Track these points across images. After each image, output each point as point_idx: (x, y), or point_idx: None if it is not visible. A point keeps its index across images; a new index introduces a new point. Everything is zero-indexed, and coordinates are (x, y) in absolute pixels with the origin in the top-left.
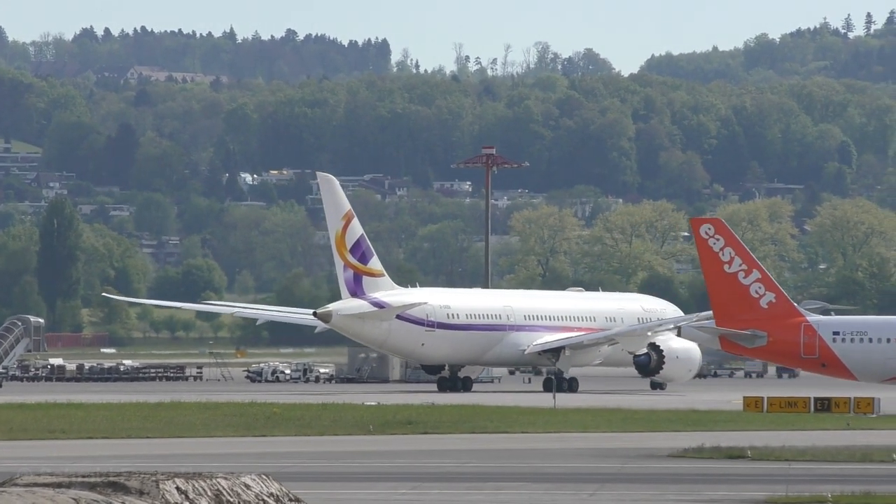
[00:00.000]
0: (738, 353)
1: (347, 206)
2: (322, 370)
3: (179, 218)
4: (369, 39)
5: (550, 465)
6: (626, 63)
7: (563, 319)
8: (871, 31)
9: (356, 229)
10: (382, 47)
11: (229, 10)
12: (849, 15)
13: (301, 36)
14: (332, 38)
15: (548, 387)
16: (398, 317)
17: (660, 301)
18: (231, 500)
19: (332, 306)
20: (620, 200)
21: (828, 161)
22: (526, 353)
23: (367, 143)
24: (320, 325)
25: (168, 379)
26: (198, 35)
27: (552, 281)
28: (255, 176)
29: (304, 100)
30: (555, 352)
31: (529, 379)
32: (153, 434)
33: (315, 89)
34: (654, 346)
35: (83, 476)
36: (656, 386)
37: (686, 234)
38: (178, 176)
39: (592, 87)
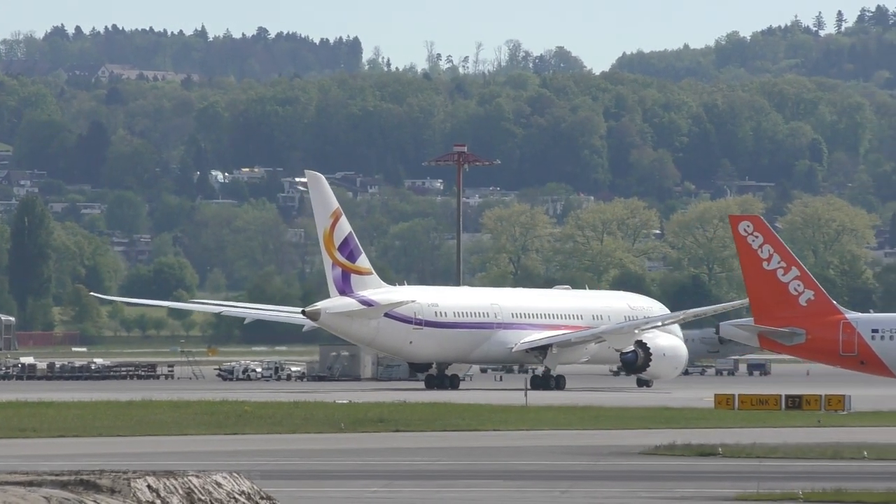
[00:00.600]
0: (776, 351)
1: (335, 203)
2: (293, 368)
3: (151, 216)
4: (341, 38)
5: (522, 463)
6: (598, 61)
7: (550, 317)
8: (842, 28)
9: (344, 227)
10: (354, 45)
11: (201, 9)
12: (820, 13)
13: (272, 34)
14: (303, 36)
15: (536, 384)
16: (386, 315)
17: (646, 299)
18: (203, 498)
19: (320, 304)
20: (592, 198)
21: (799, 159)
22: (513, 350)
23: (338, 141)
24: (308, 324)
25: (139, 377)
26: (169, 33)
27: (524, 279)
28: (226, 174)
29: (276, 98)
30: (542, 349)
31: (501, 377)
32: (124, 432)
33: (286, 87)
34: (640, 344)
35: (54, 474)
36: (643, 383)
37: (657, 231)
38: (150, 174)
39: (564, 85)
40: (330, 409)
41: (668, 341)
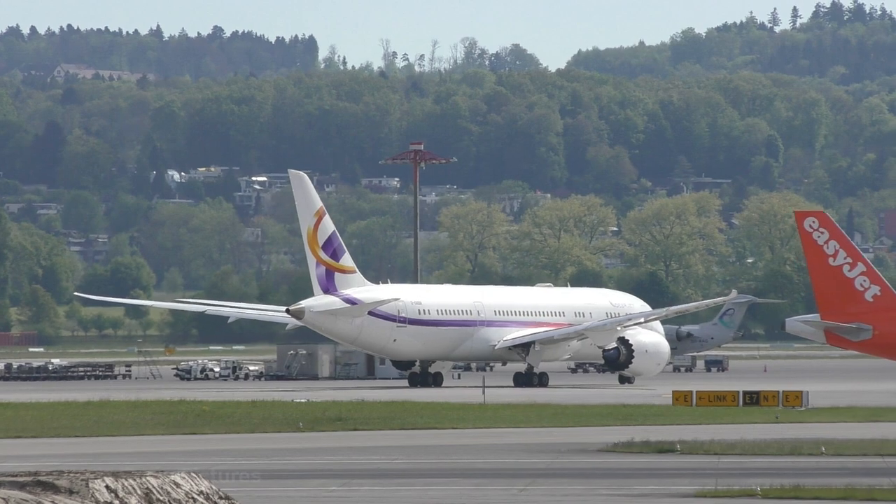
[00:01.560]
0: (843, 347)
1: (319, 203)
2: (251, 367)
3: (107, 216)
4: (296, 36)
5: (481, 461)
6: (554, 58)
7: (532, 315)
8: (797, 24)
9: (328, 226)
10: (310, 44)
11: (156, 8)
12: (775, 9)
13: (228, 33)
14: (259, 35)
15: (519, 381)
16: (370, 313)
17: (627, 296)
18: (161, 498)
19: (304, 303)
20: (549, 195)
21: (755, 155)
22: (496, 348)
23: (294, 140)
24: (291, 322)
25: (97, 377)
26: (124, 33)
27: (481, 277)
28: (182, 173)
29: (232, 97)
30: (525, 347)
31: (459, 375)
32: (82, 433)
33: (242, 86)
34: (623, 341)
35: (12, 475)
36: (625, 380)
37: (615, 228)
38: (106, 174)
39: (520, 83)
40: (288, 409)
41: (651, 338)
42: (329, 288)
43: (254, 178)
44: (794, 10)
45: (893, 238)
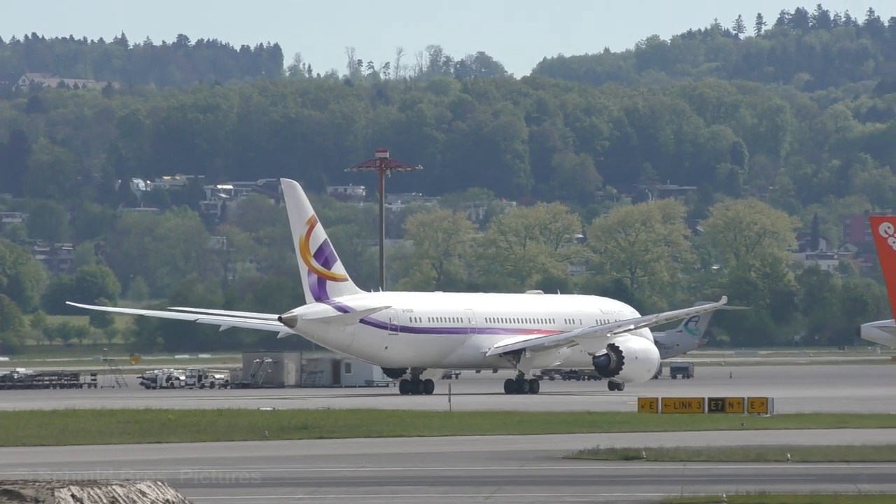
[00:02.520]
0: None
1: (311, 211)
2: (217, 376)
3: (72, 224)
4: (261, 44)
5: (447, 469)
6: (519, 66)
7: (523, 322)
8: (762, 31)
9: (319, 234)
10: (274, 52)
11: (121, 16)
12: (739, 16)
13: (193, 41)
14: (224, 43)
15: (510, 388)
16: (362, 321)
17: (616, 303)
18: None
19: (297, 311)
20: (514, 203)
21: (720, 162)
22: (487, 355)
23: (260, 148)
24: (283, 331)
25: (62, 386)
26: (89, 41)
27: (447, 284)
28: (147, 182)
29: (197, 105)
30: (516, 354)
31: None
32: (48, 442)
33: (207, 94)
34: (613, 347)
35: None
36: (614, 386)
37: (580, 235)
38: (71, 182)
39: (485, 90)
40: (254, 417)
41: (640, 344)
42: (321, 296)
43: (219, 187)
44: (759, 17)
45: (858, 244)
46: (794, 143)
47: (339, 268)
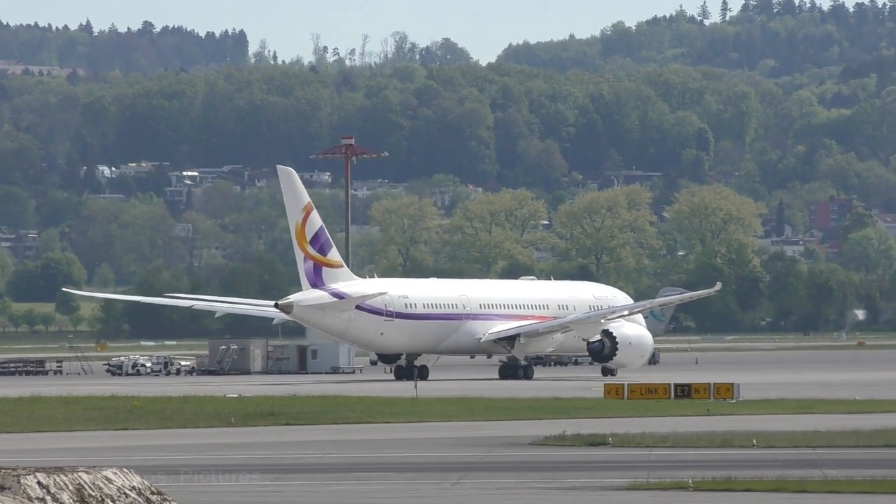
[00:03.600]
0: None
1: (307, 198)
2: (183, 363)
3: (38, 211)
4: (226, 31)
5: (413, 455)
6: (484, 52)
7: (517, 308)
8: (727, 17)
9: (315, 221)
10: (240, 39)
11: (85, 3)
12: (704, 2)
13: (158, 28)
14: (189, 30)
15: (505, 374)
16: (358, 307)
17: (609, 288)
18: (93, 493)
19: (292, 297)
20: (480, 189)
21: (685, 148)
22: (482, 341)
23: (225, 135)
24: (279, 317)
25: (28, 373)
26: (54, 28)
27: (413, 270)
28: (113, 169)
29: (162, 92)
30: (510, 339)
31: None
32: (13, 429)
33: (173, 81)
34: (607, 333)
35: None
36: (607, 372)
37: (546, 221)
38: (36, 169)
39: (450, 77)
40: (220, 404)
41: (634, 330)
42: (317, 282)
43: (184, 173)
44: (724, 2)
45: (823, 230)
46: (759, 129)
47: (334, 254)
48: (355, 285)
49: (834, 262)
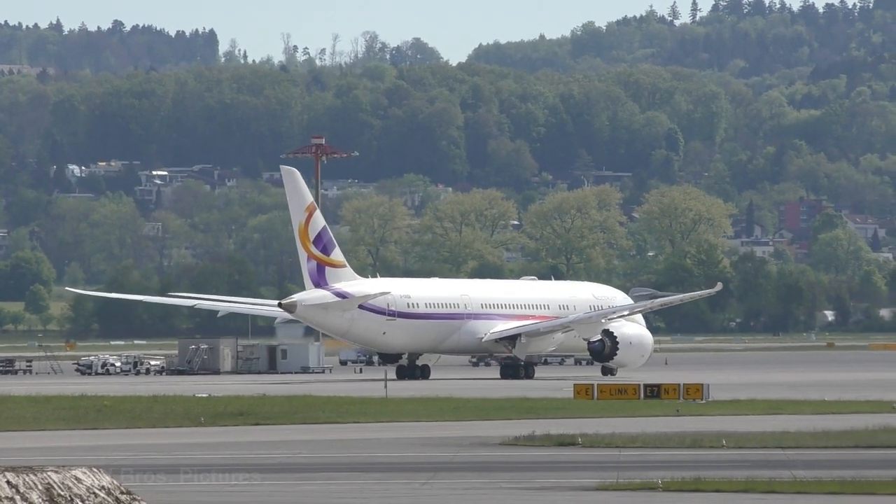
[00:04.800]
0: None
1: (310, 198)
2: (153, 362)
3: (7, 210)
4: (197, 30)
5: (383, 455)
6: (454, 52)
7: (518, 308)
8: (697, 18)
9: (318, 221)
10: (210, 38)
11: (55, 2)
12: (675, 3)
13: (128, 27)
14: (159, 29)
15: (506, 373)
16: (360, 307)
17: (609, 289)
18: (62, 493)
19: (296, 297)
20: (450, 189)
21: (655, 148)
22: (483, 340)
23: (195, 134)
24: (281, 316)
25: None
26: (24, 27)
27: (383, 270)
28: (83, 167)
29: (132, 91)
30: (511, 339)
31: (361, 369)
32: None
33: (142, 80)
34: (607, 333)
35: None
36: (607, 371)
37: (516, 222)
38: (6, 168)
39: (421, 77)
40: (190, 403)
41: (634, 330)
42: (320, 282)
43: (154, 173)
44: (694, 3)
45: (793, 231)
46: (728, 129)
47: (337, 254)
48: (358, 285)
49: (803, 262)
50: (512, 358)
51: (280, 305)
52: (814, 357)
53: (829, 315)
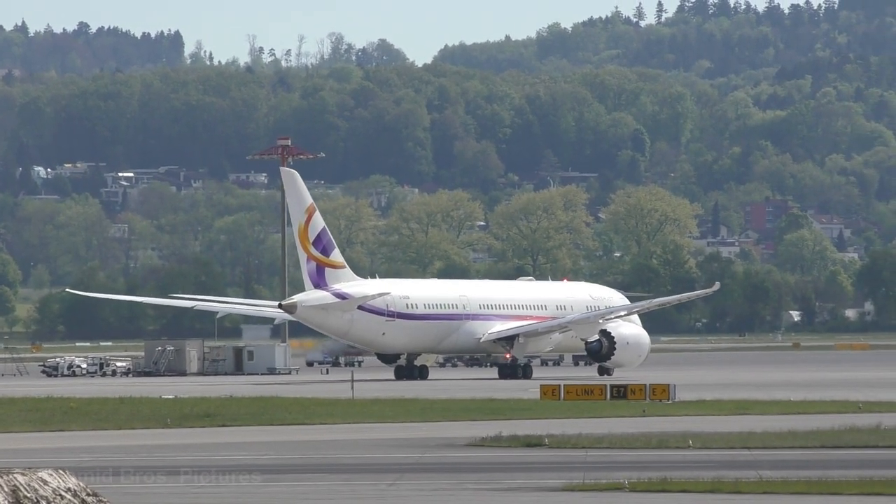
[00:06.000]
0: None
1: (310, 200)
2: (119, 364)
3: None
4: (162, 32)
5: (349, 456)
6: (420, 53)
7: (516, 308)
8: (663, 19)
9: (318, 223)
10: (175, 39)
11: (21, 3)
12: (640, 3)
13: (94, 28)
14: (125, 30)
15: (504, 373)
16: (360, 307)
17: (606, 289)
18: (28, 495)
19: (296, 298)
20: (416, 190)
21: (621, 149)
22: (481, 341)
23: (161, 136)
24: (280, 317)
25: None
26: None
27: None
28: (48, 169)
29: (98, 93)
30: (509, 339)
31: (328, 370)
32: None
33: (108, 82)
34: (605, 333)
35: None
36: (604, 371)
37: (482, 222)
38: None
39: (387, 78)
40: (156, 405)
41: (631, 330)
42: (320, 283)
43: (120, 174)
44: (660, 4)
45: (759, 231)
46: (694, 130)
47: (336, 255)
48: (357, 286)
49: (769, 263)
50: (477, 359)
51: (280, 306)
52: (780, 357)
53: (795, 315)
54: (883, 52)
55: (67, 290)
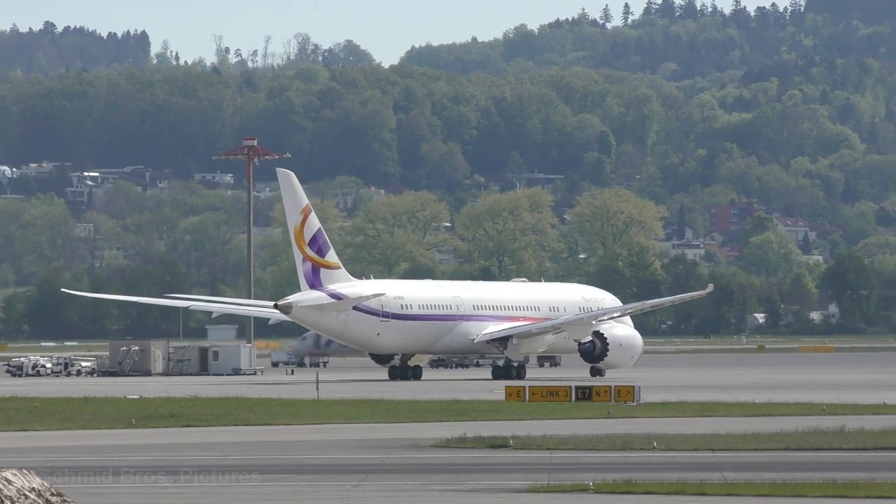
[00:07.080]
0: None
1: (305, 200)
2: (84, 363)
3: None
4: (128, 31)
5: (314, 457)
6: (387, 54)
7: (509, 309)
8: (629, 21)
9: (314, 223)
10: (142, 39)
11: None
12: (607, 6)
13: (60, 28)
14: (90, 30)
15: (498, 374)
16: (355, 308)
17: (599, 291)
18: None
19: (291, 298)
20: (382, 191)
21: (587, 151)
22: (475, 342)
23: (127, 135)
24: (275, 317)
25: None
26: None
27: None
28: (14, 169)
29: (64, 92)
30: (503, 340)
31: (293, 370)
32: None
33: (74, 81)
34: (598, 334)
35: None
36: (596, 372)
37: (448, 224)
38: None
39: (353, 79)
40: (121, 405)
41: (624, 331)
42: (315, 283)
43: (86, 174)
44: (626, 6)
45: (724, 233)
46: (660, 132)
47: (332, 256)
48: (353, 286)
49: (734, 265)
50: (444, 360)
51: (276, 307)
52: (745, 359)
53: (760, 317)
54: (849, 55)
55: (63, 289)
